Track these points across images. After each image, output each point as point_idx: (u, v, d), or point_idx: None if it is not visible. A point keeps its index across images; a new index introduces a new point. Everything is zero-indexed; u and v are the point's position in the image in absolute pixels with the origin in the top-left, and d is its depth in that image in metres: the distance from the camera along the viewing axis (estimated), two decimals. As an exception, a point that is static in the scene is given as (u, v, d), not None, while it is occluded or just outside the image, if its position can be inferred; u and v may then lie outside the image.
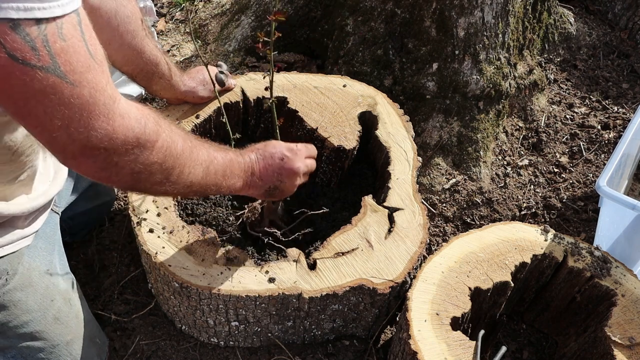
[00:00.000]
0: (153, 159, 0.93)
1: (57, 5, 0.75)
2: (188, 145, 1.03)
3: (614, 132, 2.20)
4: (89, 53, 0.81)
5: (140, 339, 1.55)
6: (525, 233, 1.48)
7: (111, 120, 0.84)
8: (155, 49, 1.46)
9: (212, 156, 1.10)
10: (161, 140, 0.94)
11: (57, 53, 0.76)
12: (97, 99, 0.81)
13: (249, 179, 1.20)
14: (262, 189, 1.24)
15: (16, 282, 1.18)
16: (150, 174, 0.95)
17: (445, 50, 1.95)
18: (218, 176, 1.11)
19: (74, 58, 0.78)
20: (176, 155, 0.98)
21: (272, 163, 1.23)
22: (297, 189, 1.32)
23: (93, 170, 0.89)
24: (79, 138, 0.82)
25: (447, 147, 2.02)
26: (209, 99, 1.64)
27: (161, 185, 0.99)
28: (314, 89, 1.73)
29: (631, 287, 1.38)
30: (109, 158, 0.87)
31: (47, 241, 1.28)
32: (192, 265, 1.34)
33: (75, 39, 0.78)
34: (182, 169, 1.01)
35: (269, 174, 1.23)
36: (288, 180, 1.26)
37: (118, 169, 0.90)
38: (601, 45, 2.56)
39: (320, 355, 1.53)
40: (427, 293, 1.32)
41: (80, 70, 0.79)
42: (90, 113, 0.81)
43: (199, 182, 1.07)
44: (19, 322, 1.22)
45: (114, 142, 0.85)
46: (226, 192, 1.17)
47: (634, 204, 1.47)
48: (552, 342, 1.61)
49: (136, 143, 0.89)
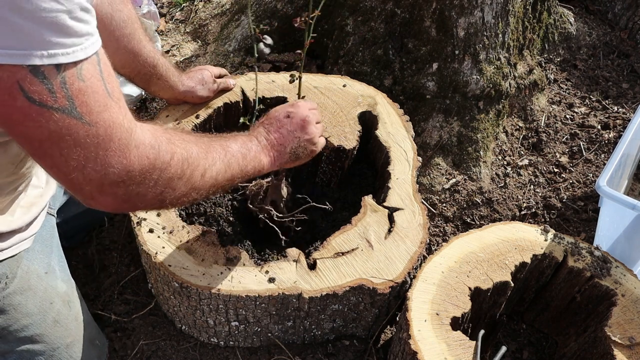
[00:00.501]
0: (172, 175, 0.93)
1: (80, 49, 0.75)
2: (202, 148, 1.03)
3: (614, 132, 2.20)
4: (107, 91, 0.80)
5: (140, 339, 1.55)
6: (525, 233, 1.48)
7: (127, 153, 0.83)
8: (152, 51, 1.46)
9: (225, 147, 1.10)
10: (177, 156, 0.94)
11: (75, 94, 0.76)
12: (114, 136, 0.81)
13: (271, 151, 1.21)
14: (286, 154, 1.23)
15: (15, 286, 1.17)
16: (173, 190, 0.95)
17: (445, 50, 1.95)
18: (239, 162, 1.11)
19: (91, 98, 0.77)
20: (194, 162, 0.98)
21: (281, 125, 1.24)
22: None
23: (116, 205, 0.89)
24: (96, 177, 0.81)
25: (447, 147, 2.02)
26: (208, 98, 1.65)
27: (187, 195, 0.99)
28: (314, 89, 1.73)
29: (631, 287, 1.38)
30: (128, 190, 0.87)
31: (45, 244, 1.28)
32: (192, 265, 1.34)
33: (95, 78, 0.78)
34: (204, 171, 1.01)
35: (284, 135, 1.23)
36: (304, 133, 1.26)
37: (140, 197, 0.89)
38: (601, 45, 2.56)
39: (320, 355, 1.53)
40: (427, 293, 1.32)
41: (97, 110, 0.78)
42: (107, 151, 0.81)
43: (224, 175, 1.07)
44: (19, 325, 1.22)
45: (132, 174, 0.85)
46: (254, 172, 1.17)
47: (634, 204, 1.47)
48: (552, 342, 1.61)
49: (153, 168, 0.89)
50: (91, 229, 1.80)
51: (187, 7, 2.71)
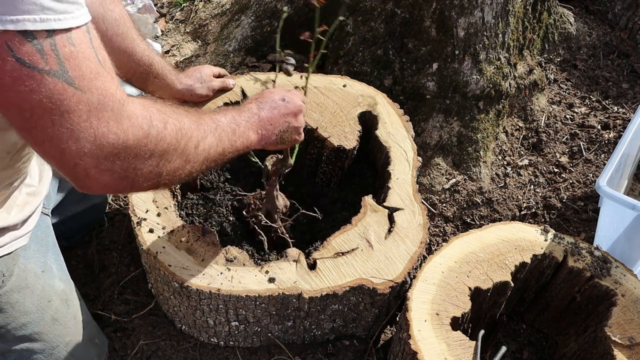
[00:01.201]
0: (167, 146, 0.93)
1: (71, 17, 0.75)
2: (194, 120, 1.02)
3: (614, 132, 2.20)
4: (98, 60, 0.80)
5: (140, 339, 1.55)
6: (525, 233, 1.48)
7: (120, 124, 0.82)
8: (147, 50, 1.46)
9: (216, 120, 1.10)
10: (169, 125, 0.94)
11: (66, 57, 0.75)
12: (106, 105, 0.80)
13: (260, 128, 1.20)
14: (274, 134, 1.23)
15: (12, 284, 1.17)
16: (169, 162, 0.94)
17: (445, 50, 1.95)
18: (230, 136, 1.11)
19: (83, 64, 0.77)
20: (186, 133, 0.98)
21: (275, 106, 1.24)
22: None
23: (114, 183, 0.87)
24: (90, 149, 0.80)
25: (447, 147, 2.02)
26: (207, 97, 1.65)
27: (183, 169, 0.99)
28: (314, 89, 1.73)
29: (631, 287, 1.38)
30: (125, 164, 0.85)
31: (40, 243, 1.28)
32: (192, 265, 1.34)
33: (85, 45, 0.78)
34: (197, 143, 1.01)
35: (275, 116, 1.23)
36: (294, 120, 1.26)
37: (137, 171, 0.88)
38: (601, 45, 2.56)
39: (320, 355, 1.53)
40: (427, 293, 1.32)
41: (89, 77, 0.78)
42: (100, 120, 0.80)
43: (215, 149, 1.06)
44: (18, 324, 1.22)
45: (127, 145, 0.84)
46: (242, 149, 1.16)
47: (634, 204, 1.47)
48: (552, 342, 1.61)
49: (147, 139, 0.88)
50: (91, 229, 1.80)
51: (187, 7, 2.71)
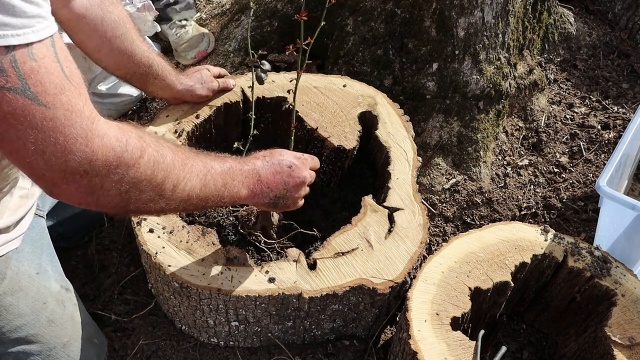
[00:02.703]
0: (140, 176, 0.89)
1: (30, 32, 0.73)
2: (180, 158, 0.99)
3: (614, 132, 2.20)
4: (64, 74, 0.78)
5: (140, 339, 1.55)
6: (525, 233, 1.48)
7: (89, 142, 0.80)
8: (147, 50, 1.46)
9: (208, 166, 1.05)
10: (147, 155, 0.90)
11: (27, 74, 0.73)
12: (73, 121, 0.78)
13: (255, 186, 1.16)
14: (268, 197, 1.19)
15: (5, 287, 1.17)
16: (140, 192, 0.91)
17: (445, 50, 1.95)
18: (218, 186, 1.07)
19: (46, 79, 0.75)
20: (166, 169, 0.94)
21: (280, 170, 1.19)
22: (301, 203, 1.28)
23: (79, 197, 0.85)
24: (56, 163, 0.79)
25: (447, 147, 2.02)
26: (207, 97, 1.65)
27: (155, 202, 0.95)
28: (314, 89, 1.73)
29: (631, 287, 1.38)
30: (92, 181, 0.83)
31: (34, 245, 1.27)
32: (192, 265, 1.34)
33: (48, 59, 0.76)
34: (176, 182, 0.97)
35: (277, 181, 1.18)
36: (294, 190, 1.22)
37: (104, 191, 0.86)
38: (601, 45, 2.56)
39: (320, 355, 1.53)
40: (427, 293, 1.32)
41: (53, 92, 0.76)
42: (67, 136, 0.78)
43: (198, 194, 1.02)
44: (12, 326, 1.21)
45: (95, 164, 0.82)
46: (229, 202, 1.13)
47: (634, 204, 1.47)
48: (552, 342, 1.61)
49: (118, 162, 0.85)
50: (91, 229, 1.80)
51: (187, 7, 2.70)
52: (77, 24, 1.32)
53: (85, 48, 1.39)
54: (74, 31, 1.34)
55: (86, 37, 1.36)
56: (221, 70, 1.71)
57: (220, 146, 1.77)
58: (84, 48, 1.39)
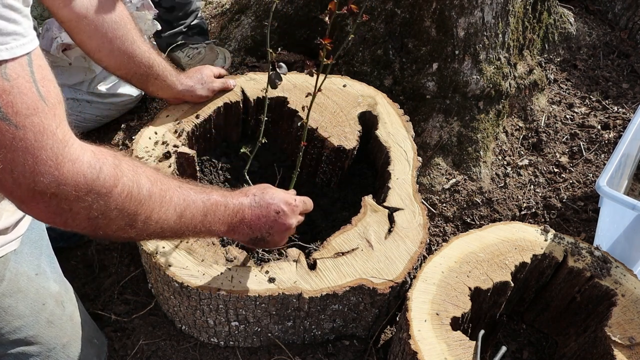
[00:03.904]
0: (111, 205, 0.88)
1: (4, 49, 0.72)
2: (158, 189, 0.97)
3: (614, 132, 2.20)
4: (39, 94, 0.76)
5: (140, 339, 1.55)
6: (525, 233, 1.48)
7: (59, 165, 0.79)
8: (148, 51, 1.46)
9: (189, 200, 1.03)
10: (120, 185, 0.88)
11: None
12: (44, 143, 0.76)
13: (236, 225, 1.13)
14: (248, 236, 1.17)
15: (4, 289, 1.17)
16: (110, 220, 0.90)
17: (445, 50, 1.95)
18: (196, 221, 1.04)
19: (18, 99, 0.73)
20: (140, 201, 0.92)
21: (266, 214, 1.16)
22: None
23: (46, 216, 0.84)
24: (24, 183, 0.77)
25: (447, 147, 2.02)
26: (207, 98, 1.65)
27: (124, 231, 0.94)
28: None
29: (631, 287, 1.38)
30: (60, 204, 0.82)
31: (33, 246, 1.27)
32: (192, 265, 1.34)
33: (22, 79, 0.74)
34: (149, 214, 0.95)
35: (260, 224, 1.15)
36: (277, 235, 1.19)
37: (72, 214, 0.84)
38: (601, 45, 2.56)
39: (320, 355, 1.53)
40: (427, 293, 1.32)
41: (25, 113, 0.74)
42: (36, 158, 0.76)
43: (172, 227, 1.00)
44: (11, 327, 1.21)
45: (63, 189, 0.81)
46: (206, 236, 1.11)
47: (634, 204, 1.47)
48: (552, 342, 1.61)
49: (88, 189, 0.83)
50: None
51: (187, 7, 2.70)
52: (78, 24, 1.33)
53: (86, 48, 1.39)
54: (74, 31, 1.35)
55: (87, 38, 1.36)
56: (221, 71, 1.71)
57: (220, 146, 1.77)
58: (84, 48, 1.39)
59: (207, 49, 2.28)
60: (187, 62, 2.26)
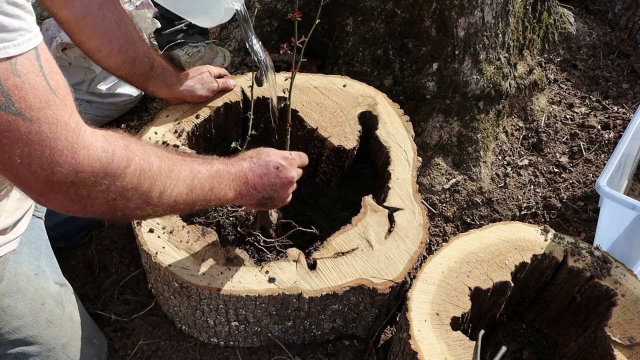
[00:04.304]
0: (127, 185, 0.90)
1: (11, 45, 0.73)
2: (166, 164, 0.99)
3: (614, 132, 2.20)
4: (49, 87, 0.78)
5: (140, 339, 1.55)
6: (525, 233, 1.48)
7: (75, 153, 0.81)
8: (147, 51, 1.46)
9: (195, 170, 1.06)
10: (133, 164, 0.91)
11: (11, 90, 0.73)
12: (59, 134, 0.79)
13: (242, 188, 1.16)
14: (256, 198, 1.20)
15: (3, 289, 1.17)
16: (127, 200, 0.92)
17: (445, 50, 1.95)
18: (205, 190, 1.07)
19: (30, 94, 0.75)
20: (153, 177, 0.95)
21: (267, 172, 1.19)
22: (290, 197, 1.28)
23: (65, 205, 0.86)
24: (43, 175, 0.79)
25: (447, 147, 2.02)
26: (207, 98, 1.65)
27: (142, 209, 0.96)
28: (314, 89, 1.73)
29: (631, 287, 1.38)
30: (78, 191, 0.84)
31: (32, 247, 1.27)
32: (192, 265, 1.34)
33: (33, 74, 0.76)
34: (163, 189, 0.98)
35: (263, 182, 1.19)
36: (282, 190, 1.22)
37: (91, 200, 0.87)
38: (601, 45, 2.56)
39: (320, 355, 1.53)
40: (427, 293, 1.32)
41: (38, 106, 0.76)
42: (52, 149, 0.78)
43: (185, 199, 1.03)
44: (11, 328, 1.21)
45: (81, 176, 0.83)
46: (216, 204, 1.14)
47: (634, 204, 1.47)
48: (552, 342, 1.61)
49: (105, 172, 0.86)
50: (90, 229, 1.80)
51: (187, 7, 2.70)
52: (78, 25, 1.32)
53: (85, 48, 1.39)
54: (74, 32, 1.34)
55: (86, 38, 1.36)
56: (221, 71, 1.72)
57: (220, 146, 1.77)
58: (84, 48, 1.39)
59: (207, 48, 2.28)
60: (187, 60, 2.26)
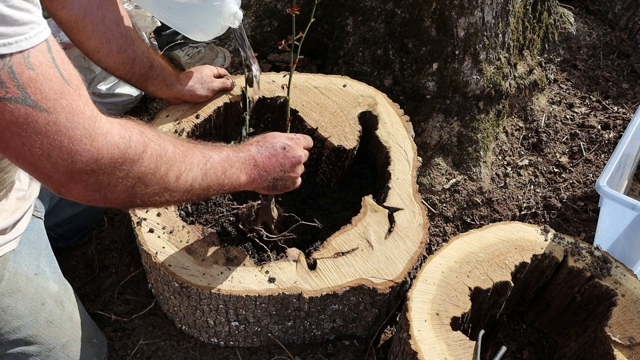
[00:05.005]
0: (145, 170, 0.92)
1: (23, 39, 0.74)
2: (180, 150, 1.01)
3: (614, 132, 2.20)
4: (62, 78, 0.79)
5: (140, 339, 1.55)
6: (525, 233, 1.48)
7: (94, 141, 0.82)
8: (147, 51, 1.46)
9: (207, 156, 1.08)
10: (150, 149, 0.92)
11: (26, 83, 0.74)
12: (76, 123, 0.80)
13: (253, 172, 1.19)
14: (267, 180, 1.22)
15: (3, 288, 1.17)
16: (146, 186, 0.93)
17: (445, 50, 1.95)
18: (218, 174, 1.09)
19: (45, 86, 0.76)
20: (169, 162, 0.97)
21: (274, 153, 1.22)
22: (298, 184, 1.30)
23: (86, 194, 0.87)
24: (63, 165, 0.80)
25: (447, 147, 2.02)
26: (207, 98, 1.65)
27: (160, 195, 0.97)
28: (314, 89, 1.73)
29: (631, 287, 1.38)
30: (98, 179, 0.85)
31: (32, 246, 1.27)
32: (192, 265, 1.34)
33: (46, 65, 0.77)
34: (179, 173, 0.99)
35: (272, 164, 1.21)
36: (291, 170, 1.24)
37: (111, 187, 0.88)
38: (601, 45, 2.56)
39: (320, 355, 1.53)
40: (427, 293, 1.32)
41: (53, 97, 0.77)
42: (71, 138, 0.79)
43: (200, 184, 1.05)
44: (10, 327, 1.21)
45: (101, 163, 0.84)
46: (230, 189, 1.15)
47: (634, 204, 1.47)
48: (552, 342, 1.61)
49: (123, 159, 0.87)
50: (90, 229, 1.80)
51: (187, 7, 2.70)
52: (77, 25, 1.32)
53: (84, 49, 1.39)
54: (73, 32, 1.34)
55: (86, 38, 1.36)
56: (221, 70, 1.71)
57: (220, 146, 1.77)
58: (83, 49, 1.39)
59: (207, 48, 2.28)
60: (187, 60, 2.27)
